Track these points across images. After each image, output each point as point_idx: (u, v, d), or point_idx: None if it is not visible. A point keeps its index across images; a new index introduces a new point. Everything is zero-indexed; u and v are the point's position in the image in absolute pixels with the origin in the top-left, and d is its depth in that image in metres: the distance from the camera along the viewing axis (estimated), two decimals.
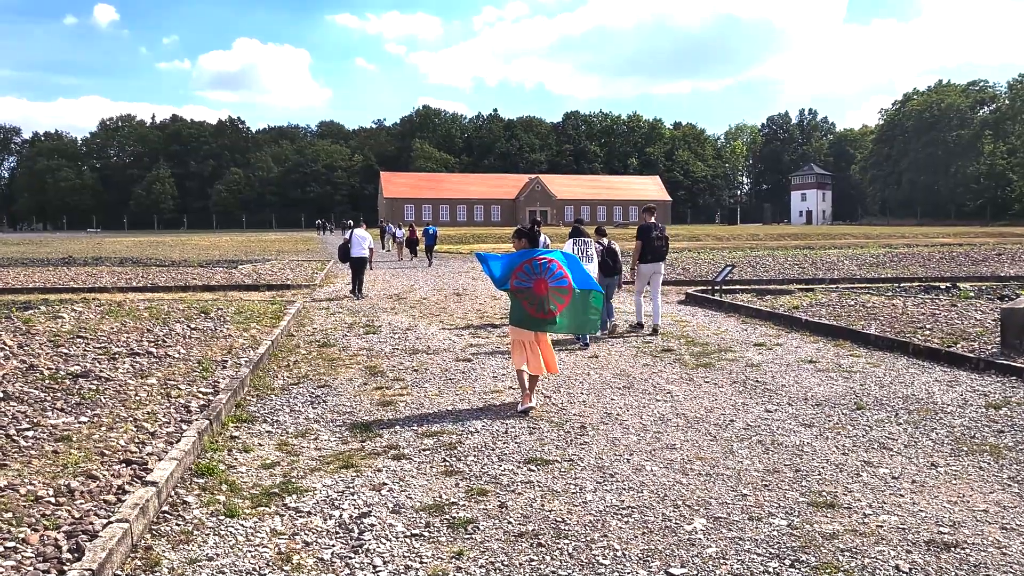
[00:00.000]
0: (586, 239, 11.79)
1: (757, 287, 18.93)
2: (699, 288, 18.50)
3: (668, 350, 10.67)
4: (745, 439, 6.40)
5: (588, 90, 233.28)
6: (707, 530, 4.56)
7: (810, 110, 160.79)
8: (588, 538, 4.47)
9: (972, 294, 15.96)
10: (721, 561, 4.15)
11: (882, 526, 4.59)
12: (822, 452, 6.01)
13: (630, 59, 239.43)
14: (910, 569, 4.04)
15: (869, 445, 6.17)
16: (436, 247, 33.91)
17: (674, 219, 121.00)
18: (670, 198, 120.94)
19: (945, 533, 4.48)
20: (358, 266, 18.80)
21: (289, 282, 21.51)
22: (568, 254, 7.82)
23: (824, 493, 5.12)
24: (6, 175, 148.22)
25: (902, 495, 5.09)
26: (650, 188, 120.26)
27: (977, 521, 4.65)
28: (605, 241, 12.41)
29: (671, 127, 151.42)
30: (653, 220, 12.61)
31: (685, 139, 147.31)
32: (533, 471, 5.63)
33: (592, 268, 11.38)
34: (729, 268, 18.22)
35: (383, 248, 43.52)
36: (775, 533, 4.50)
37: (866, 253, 33.64)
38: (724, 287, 17.39)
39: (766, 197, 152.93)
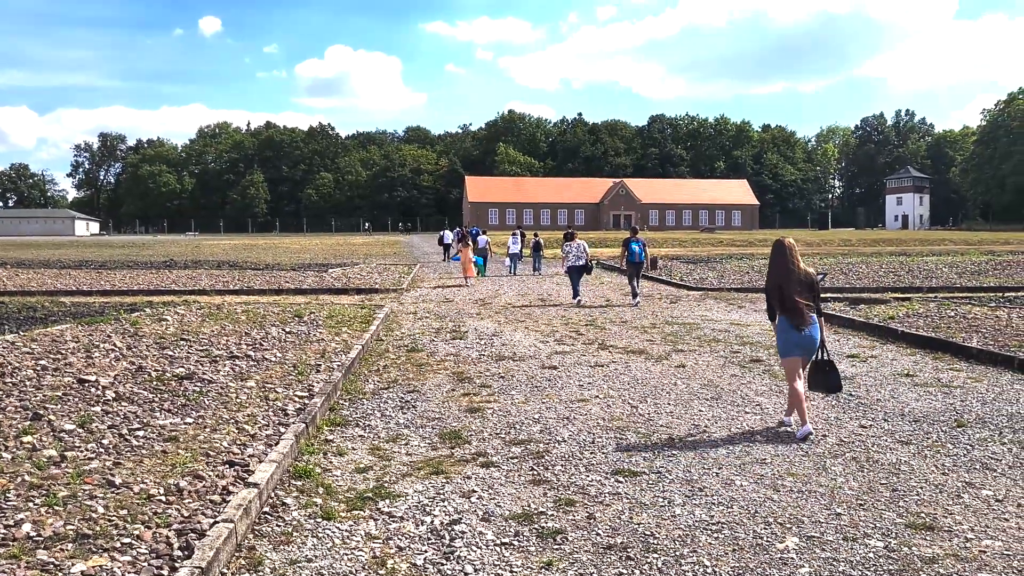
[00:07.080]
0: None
1: (850, 295, 18.40)
2: None
3: (757, 360, 10.50)
4: (839, 455, 6.26)
5: (676, 92, 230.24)
6: (800, 549, 4.49)
7: (907, 111, 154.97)
8: (677, 553, 4.46)
9: None
10: None
11: (985, 551, 4.44)
12: (920, 471, 5.83)
13: (722, 60, 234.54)
14: None
15: (971, 465, 5.96)
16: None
17: (762, 223, 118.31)
18: (758, 202, 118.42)
19: None
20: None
21: (377, 286, 21.99)
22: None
23: (923, 515, 4.98)
24: (112, 180, 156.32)
25: (1007, 519, 4.90)
26: (737, 192, 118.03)
27: None
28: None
29: (759, 129, 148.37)
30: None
31: (774, 142, 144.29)
32: (621, 482, 5.65)
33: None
34: (821, 276, 17.76)
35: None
36: (871, 555, 4.40)
37: (967, 260, 32.27)
38: None
39: (859, 201, 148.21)
